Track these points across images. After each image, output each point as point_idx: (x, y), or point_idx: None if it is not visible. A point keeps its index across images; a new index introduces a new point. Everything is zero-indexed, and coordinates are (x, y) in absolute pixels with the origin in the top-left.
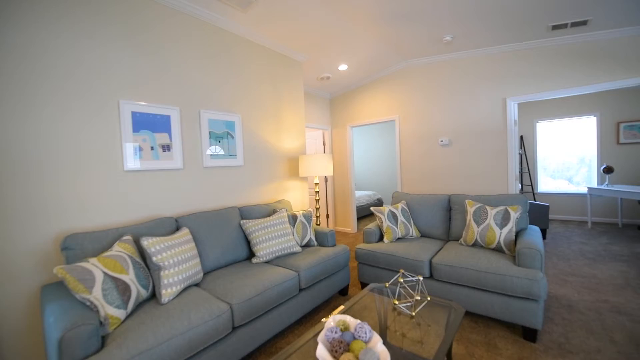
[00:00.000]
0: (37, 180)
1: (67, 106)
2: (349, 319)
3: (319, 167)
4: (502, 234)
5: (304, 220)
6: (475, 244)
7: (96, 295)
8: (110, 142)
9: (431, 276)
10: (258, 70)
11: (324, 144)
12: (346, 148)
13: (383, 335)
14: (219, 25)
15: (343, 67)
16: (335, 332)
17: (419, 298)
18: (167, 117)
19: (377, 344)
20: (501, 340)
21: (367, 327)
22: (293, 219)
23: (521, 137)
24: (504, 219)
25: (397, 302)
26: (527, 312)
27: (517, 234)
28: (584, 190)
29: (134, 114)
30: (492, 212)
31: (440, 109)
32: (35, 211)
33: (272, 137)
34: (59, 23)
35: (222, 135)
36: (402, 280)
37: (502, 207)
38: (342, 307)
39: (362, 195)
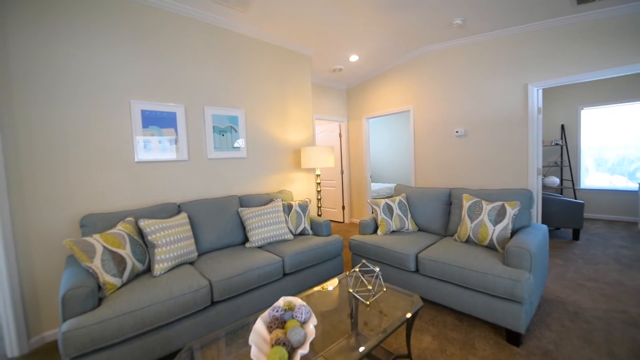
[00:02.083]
0: (64, 170)
1: (87, 107)
2: (298, 301)
3: (319, 159)
4: (495, 231)
5: (298, 209)
6: (468, 240)
7: (96, 265)
8: (123, 137)
9: (417, 270)
10: (263, 67)
11: (340, 136)
12: (362, 140)
13: (354, 321)
14: (224, 26)
15: (354, 58)
16: (277, 311)
17: (370, 287)
18: (173, 114)
19: (310, 325)
20: (481, 341)
21: (305, 309)
22: (288, 208)
23: (562, 126)
24: (499, 215)
25: (351, 290)
26: (510, 314)
27: (516, 232)
28: (635, 187)
29: (143, 111)
30: (487, 207)
31: (455, 98)
32: (64, 195)
33: (277, 131)
34: (73, 32)
35: (225, 129)
36: (357, 269)
37: (498, 203)
38: (302, 293)
39: (383, 188)
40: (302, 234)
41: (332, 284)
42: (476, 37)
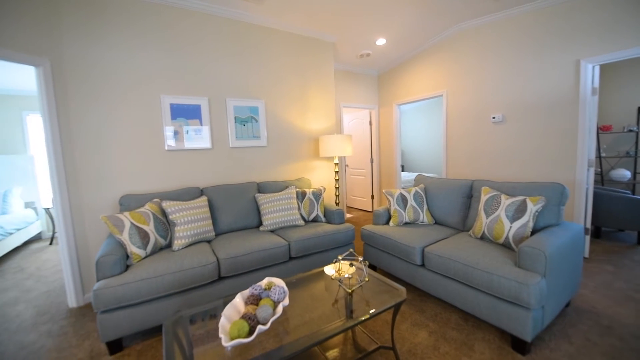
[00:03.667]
0: (107, 156)
1: (125, 101)
2: (279, 282)
3: (336, 147)
4: (512, 229)
5: (312, 197)
6: (483, 237)
7: (125, 237)
8: (155, 128)
9: (423, 265)
10: (283, 56)
11: (370, 124)
12: (392, 127)
13: (334, 306)
14: (244, 20)
15: (381, 42)
16: (256, 289)
17: (349, 276)
18: (198, 106)
19: (280, 304)
20: (481, 344)
21: (279, 289)
22: (302, 195)
23: (638, 108)
24: (518, 211)
25: (333, 278)
26: (515, 319)
27: (539, 231)
28: None
29: (171, 105)
30: (505, 202)
31: (492, 80)
32: (107, 177)
33: (298, 120)
34: (113, 37)
35: (246, 119)
36: (340, 257)
37: (519, 198)
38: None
39: None
40: (314, 220)
41: (322, 270)
42: (515, 10)
